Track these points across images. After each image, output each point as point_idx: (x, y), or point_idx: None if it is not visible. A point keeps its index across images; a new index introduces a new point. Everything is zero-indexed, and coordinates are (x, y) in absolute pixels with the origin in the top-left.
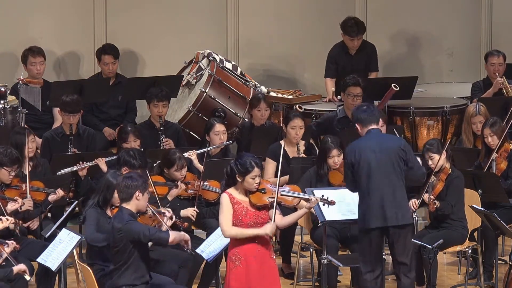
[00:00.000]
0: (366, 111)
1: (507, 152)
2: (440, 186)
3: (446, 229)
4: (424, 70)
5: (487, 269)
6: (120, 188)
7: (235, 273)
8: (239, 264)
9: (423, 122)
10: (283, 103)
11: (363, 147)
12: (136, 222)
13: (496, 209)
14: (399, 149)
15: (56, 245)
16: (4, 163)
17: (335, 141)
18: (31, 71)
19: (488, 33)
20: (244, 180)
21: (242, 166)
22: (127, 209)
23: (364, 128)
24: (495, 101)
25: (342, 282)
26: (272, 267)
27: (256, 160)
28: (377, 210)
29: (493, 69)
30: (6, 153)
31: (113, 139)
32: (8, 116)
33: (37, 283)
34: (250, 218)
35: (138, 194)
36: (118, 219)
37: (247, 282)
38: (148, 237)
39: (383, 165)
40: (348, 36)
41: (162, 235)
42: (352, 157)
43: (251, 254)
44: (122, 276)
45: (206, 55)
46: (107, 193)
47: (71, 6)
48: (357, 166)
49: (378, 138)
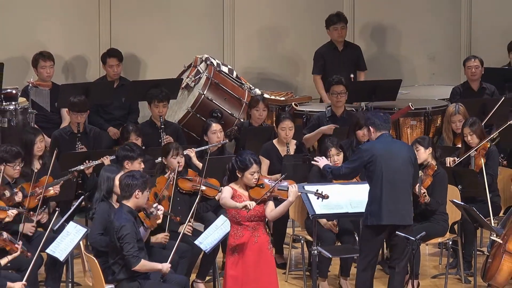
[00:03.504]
0: (382, 118)
1: (485, 150)
2: (428, 180)
3: (428, 222)
4: (408, 73)
5: (466, 259)
6: (121, 186)
7: (233, 262)
8: (236, 254)
9: (407, 122)
10: (276, 104)
11: (380, 149)
12: (128, 227)
13: (474, 204)
14: (411, 154)
15: (64, 237)
16: (6, 159)
17: (333, 141)
18: (41, 74)
19: (467, 39)
20: (243, 175)
21: (242, 162)
22: (127, 206)
23: (377, 132)
24: (473, 103)
25: (332, 271)
26: (269, 258)
27: (255, 157)
28: (390, 208)
29: (470, 71)
30: (6, 150)
31: (117, 138)
32: (19, 116)
33: (46, 273)
34: (249, 211)
35: (137, 192)
36: (117, 217)
37: (244, 271)
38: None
39: (397, 168)
40: (332, 25)
41: (132, 260)
42: (368, 155)
43: (249, 246)
44: (122, 270)
45: (204, 59)
46: (108, 185)
47: (77, 13)
48: (372, 165)
49: (393, 143)
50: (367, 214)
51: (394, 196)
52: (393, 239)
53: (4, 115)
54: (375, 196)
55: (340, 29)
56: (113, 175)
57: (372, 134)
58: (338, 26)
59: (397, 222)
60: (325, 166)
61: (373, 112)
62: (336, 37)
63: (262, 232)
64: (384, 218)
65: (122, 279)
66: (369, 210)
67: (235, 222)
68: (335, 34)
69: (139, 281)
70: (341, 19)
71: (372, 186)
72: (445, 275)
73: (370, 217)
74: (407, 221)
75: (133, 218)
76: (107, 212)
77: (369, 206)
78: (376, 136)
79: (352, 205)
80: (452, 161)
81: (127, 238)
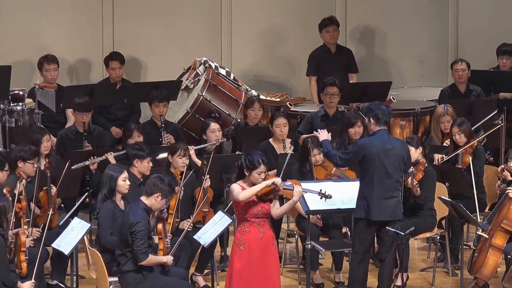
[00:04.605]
0: (384, 112)
1: (472, 148)
2: (420, 174)
3: (417, 217)
4: (397, 75)
5: (453, 253)
6: (148, 182)
7: (239, 256)
8: (243, 248)
9: (397, 122)
10: (271, 105)
11: (376, 147)
12: (143, 224)
13: (461, 200)
14: (404, 152)
15: (69, 232)
16: (27, 158)
17: (315, 142)
18: (45, 77)
19: (454, 43)
20: (251, 174)
21: (250, 162)
22: (144, 203)
23: (376, 126)
24: (461, 104)
25: (324, 265)
26: (274, 253)
27: (264, 158)
28: (380, 205)
29: (457, 74)
30: (26, 149)
31: (119, 137)
32: (26, 117)
33: (52, 266)
34: (255, 208)
35: (158, 196)
36: (133, 212)
37: (249, 265)
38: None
39: (390, 166)
40: (324, 28)
41: (140, 256)
42: (363, 151)
43: (253, 241)
44: (128, 262)
45: (202, 62)
46: (111, 184)
47: (81, 18)
48: (367, 161)
49: (389, 140)
50: (358, 207)
51: (385, 193)
52: (382, 231)
53: (12, 116)
54: (366, 192)
55: (332, 31)
56: (116, 174)
57: (371, 125)
58: (330, 29)
59: (386, 218)
60: (324, 141)
61: (376, 104)
62: (328, 39)
63: (267, 228)
64: (374, 215)
65: (126, 271)
66: (359, 204)
67: (242, 218)
68: (327, 36)
69: (143, 273)
70: (333, 22)
71: (364, 181)
72: (433, 268)
73: (360, 210)
74: (396, 217)
75: (147, 216)
76: (112, 211)
77: (360, 200)
78: (374, 129)
79: (343, 202)
80: (441, 158)
81: (140, 234)
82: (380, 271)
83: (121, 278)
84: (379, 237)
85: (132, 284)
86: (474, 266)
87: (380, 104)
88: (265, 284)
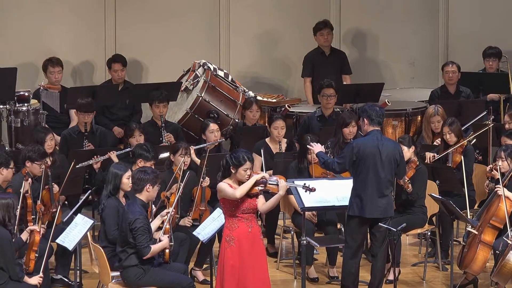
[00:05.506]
0: (378, 113)
1: (462, 148)
2: (411, 171)
3: (408, 214)
4: (389, 77)
5: (443, 249)
6: (134, 180)
7: (229, 251)
8: (233, 244)
9: (389, 122)
10: (268, 106)
11: (368, 145)
12: (142, 220)
13: (451, 197)
14: (396, 152)
15: (72, 228)
16: (34, 159)
17: (313, 139)
18: (50, 79)
19: (444, 45)
20: (237, 171)
21: (236, 159)
22: (140, 199)
23: (369, 126)
24: (451, 105)
25: (319, 260)
26: (261, 246)
27: (249, 155)
28: (373, 203)
29: (448, 76)
30: (35, 150)
31: (121, 137)
32: (31, 117)
33: (56, 261)
34: (244, 204)
35: (148, 186)
36: (131, 209)
37: (240, 259)
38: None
39: (382, 166)
40: (318, 31)
41: (144, 250)
42: (357, 151)
43: (243, 236)
44: (129, 257)
45: (201, 64)
46: (116, 182)
47: (84, 22)
48: (360, 160)
49: (382, 140)
50: (351, 205)
51: (377, 192)
52: (375, 227)
53: (17, 116)
54: (360, 190)
55: (326, 34)
56: (121, 173)
57: (365, 126)
58: (324, 32)
59: (378, 215)
60: (319, 153)
61: (370, 105)
62: (323, 42)
63: (254, 223)
64: (367, 212)
65: (128, 266)
66: (352, 202)
67: (230, 214)
68: (321, 39)
69: (144, 268)
70: (327, 25)
71: (357, 180)
72: (424, 263)
73: (353, 208)
74: (388, 214)
75: (145, 212)
76: (116, 207)
77: (353, 198)
78: (368, 130)
79: (338, 199)
80: (432, 157)
81: (140, 230)
82: (372, 266)
83: (123, 272)
84: (372, 233)
85: (133, 278)
86: (464, 261)
87: (373, 105)
88: (256, 276)
